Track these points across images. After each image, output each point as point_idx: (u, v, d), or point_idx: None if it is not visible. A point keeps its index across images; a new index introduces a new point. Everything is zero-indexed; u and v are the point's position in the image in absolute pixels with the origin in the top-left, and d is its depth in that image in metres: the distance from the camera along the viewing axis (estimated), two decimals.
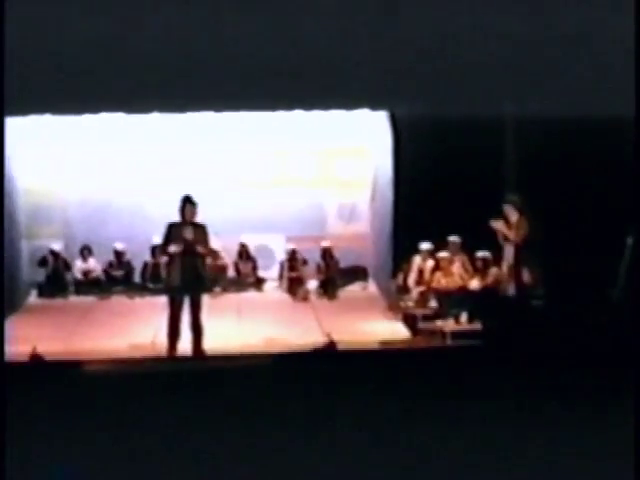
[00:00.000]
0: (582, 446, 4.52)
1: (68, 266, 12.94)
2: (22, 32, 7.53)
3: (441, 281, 10.97)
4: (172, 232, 9.22)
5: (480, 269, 10.48)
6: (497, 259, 10.27)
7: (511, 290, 9.16)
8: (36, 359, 8.63)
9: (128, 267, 13.10)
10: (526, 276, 9.13)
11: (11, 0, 7.05)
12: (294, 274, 12.99)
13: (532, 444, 4.54)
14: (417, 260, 11.48)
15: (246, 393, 6.92)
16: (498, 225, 9.35)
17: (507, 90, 8.02)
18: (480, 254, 10.34)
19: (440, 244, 11.14)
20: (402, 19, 7.55)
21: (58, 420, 5.46)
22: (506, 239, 9.29)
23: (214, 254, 11.59)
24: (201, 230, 9.26)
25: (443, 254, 11.00)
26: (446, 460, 4.54)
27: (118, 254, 13.06)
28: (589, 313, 9.20)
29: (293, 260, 13.10)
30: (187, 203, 9.20)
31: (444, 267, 10.97)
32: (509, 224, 9.41)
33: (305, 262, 13.15)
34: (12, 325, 10.20)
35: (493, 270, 10.35)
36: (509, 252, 9.20)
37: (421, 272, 11.41)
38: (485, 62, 7.63)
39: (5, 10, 7.08)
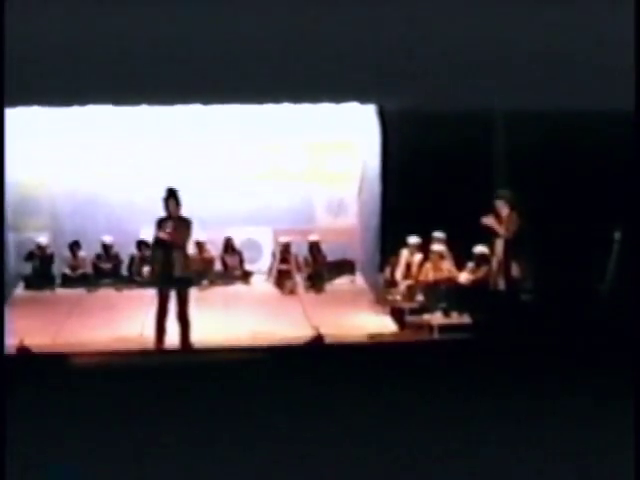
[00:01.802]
0: (570, 441, 4.53)
1: (54, 260, 12.91)
2: (18, 27, 7.50)
3: (429, 274, 10.99)
4: (159, 227, 9.28)
5: (476, 264, 10.50)
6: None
7: (500, 284, 9.22)
8: (23, 352, 8.62)
9: (116, 260, 13.08)
10: (515, 270, 9.18)
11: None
12: (284, 267, 12.98)
13: (520, 439, 4.55)
14: (405, 254, 11.50)
15: (233, 386, 6.92)
16: (489, 221, 9.40)
17: (497, 84, 8.02)
18: (478, 250, 10.36)
19: (428, 238, 11.17)
20: (392, 13, 7.54)
21: (44, 413, 5.45)
22: (496, 234, 9.34)
23: (199, 247, 11.61)
24: (184, 224, 9.27)
25: (438, 247, 11.01)
26: (433, 454, 4.55)
27: (106, 247, 13.04)
28: (577, 307, 9.24)
29: (286, 252, 13.07)
30: (170, 197, 9.23)
31: (434, 261, 10.99)
32: (500, 219, 9.46)
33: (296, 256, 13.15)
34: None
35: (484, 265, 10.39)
36: (499, 247, 9.27)
37: (409, 266, 11.43)
38: (475, 56, 7.63)
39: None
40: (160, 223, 9.27)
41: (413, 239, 11.42)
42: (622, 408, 4.77)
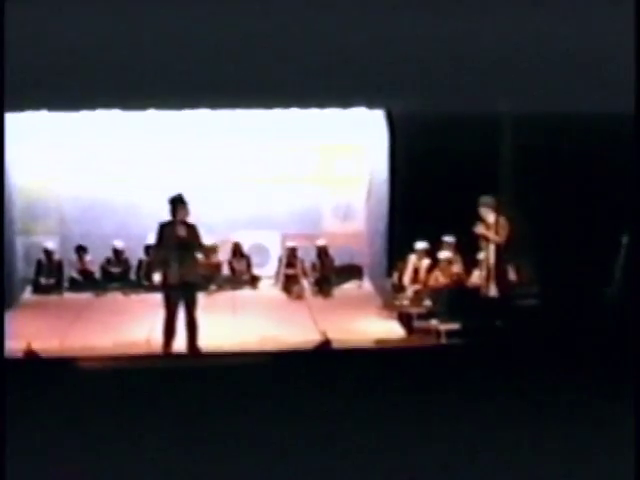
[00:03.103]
0: (573, 442, 4.53)
1: (62, 265, 12.90)
2: (20, 29, 7.52)
3: (439, 279, 11.00)
4: (164, 232, 9.24)
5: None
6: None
7: (493, 290, 9.24)
8: (31, 356, 8.62)
9: (125, 264, 13.08)
10: (511, 275, 9.19)
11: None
12: (291, 271, 12.97)
13: (528, 443, 4.54)
14: (412, 259, 11.50)
15: (241, 391, 6.92)
16: (480, 230, 9.46)
17: (504, 89, 8.02)
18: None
19: (436, 243, 11.16)
20: (399, 19, 7.55)
21: (52, 416, 5.45)
22: (487, 240, 9.40)
23: (209, 251, 11.58)
24: (193, 229, 9.26)
25: (445, 254, 11.02)
26: (440, 457, 4.54)
27: (117, 252, 13.03)
28: (584, 312, 9.21)
29: (292, 257, 13.07)
30: (178, 203, 9.20)
31: (443, 268, 11.01)
32: (487, 225, 9.51)
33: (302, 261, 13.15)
34: (6, 321, 10.18)
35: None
36: (490, 253, 9.32)
37: (416, 271, 11.43)
38: (483, 61, 7.63)
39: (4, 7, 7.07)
40: (165, 227, 9.24)
41: (421, 244, 11.42)
42: (623, 410, 4.77)
